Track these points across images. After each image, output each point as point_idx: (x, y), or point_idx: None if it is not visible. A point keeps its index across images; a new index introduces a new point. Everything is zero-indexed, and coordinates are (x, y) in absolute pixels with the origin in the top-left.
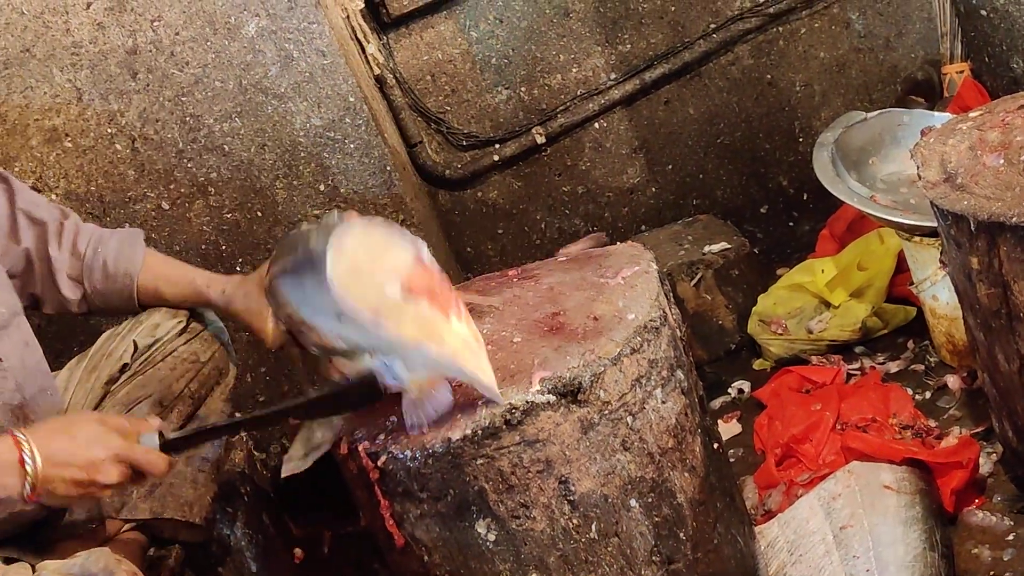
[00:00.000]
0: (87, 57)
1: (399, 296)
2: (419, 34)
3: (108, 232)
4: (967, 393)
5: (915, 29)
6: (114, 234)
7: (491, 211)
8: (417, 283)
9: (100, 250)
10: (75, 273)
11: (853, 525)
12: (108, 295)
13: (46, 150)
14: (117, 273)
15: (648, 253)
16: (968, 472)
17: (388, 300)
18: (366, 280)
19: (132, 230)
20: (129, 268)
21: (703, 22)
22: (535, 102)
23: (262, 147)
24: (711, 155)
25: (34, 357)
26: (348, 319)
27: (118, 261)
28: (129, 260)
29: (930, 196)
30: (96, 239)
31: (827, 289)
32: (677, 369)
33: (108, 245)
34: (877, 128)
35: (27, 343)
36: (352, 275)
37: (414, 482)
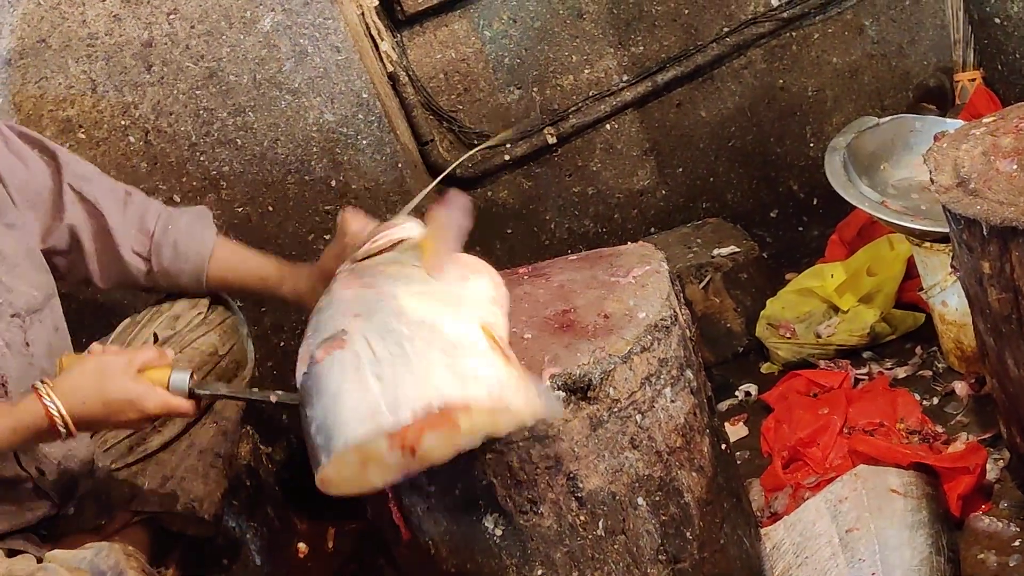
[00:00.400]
0: (102, 49)
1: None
2: (433, 32)
3: (177, 211)
4: (975, 399)
5: (928, 36)
6: (183, 213)
7: (501, 210)
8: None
9: (171, 228)
10: (142, 249)
11: (859, 528)
12: (177, 276)
13: (60, 141)
14: (188, 254)
15: (659, 253)
16: (975, 477)
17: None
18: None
19: (200, 209)
20: (201, 250)
21: (716, 25)
22: (547, 102)
23: (275, 142)
24: (722, 158)
25: (63, 344)
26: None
27: (189, 243)
28: (201, 243)
29: (943, 200)
30: (166, 217)
31: (836, 294)
32: (687, 369)
33: (178, 224)
34: (889, 134)
35: (57, 328)
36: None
37: (422, 475)
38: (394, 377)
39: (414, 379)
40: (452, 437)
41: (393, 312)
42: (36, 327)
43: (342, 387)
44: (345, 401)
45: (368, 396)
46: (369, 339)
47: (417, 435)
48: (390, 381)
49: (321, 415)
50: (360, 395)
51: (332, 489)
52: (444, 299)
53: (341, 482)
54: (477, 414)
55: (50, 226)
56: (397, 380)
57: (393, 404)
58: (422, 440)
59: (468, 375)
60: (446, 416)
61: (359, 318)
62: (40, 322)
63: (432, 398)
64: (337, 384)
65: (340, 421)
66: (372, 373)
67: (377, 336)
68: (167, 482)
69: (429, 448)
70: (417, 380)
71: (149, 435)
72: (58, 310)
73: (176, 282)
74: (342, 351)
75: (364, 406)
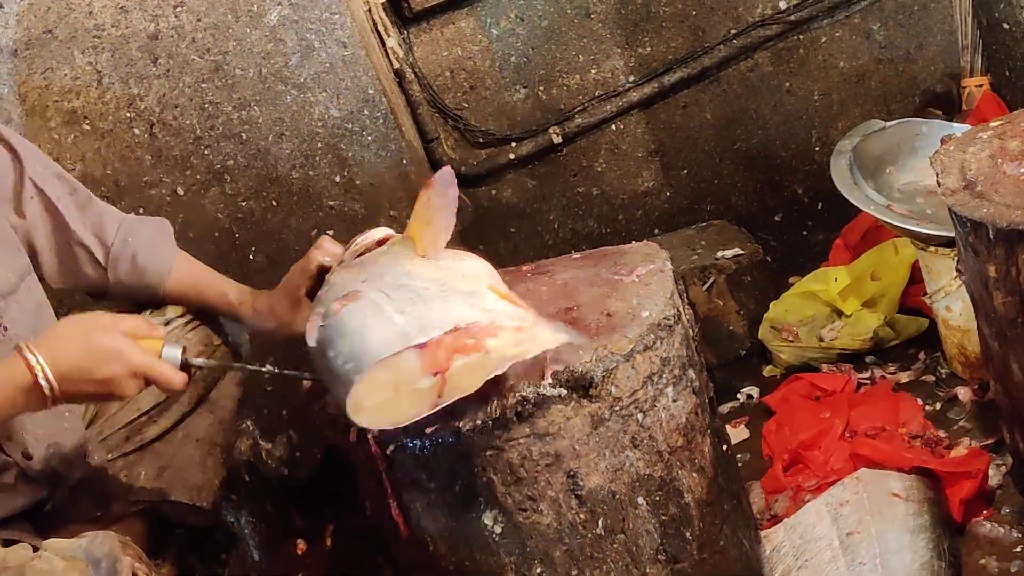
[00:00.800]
0: (109, 40)
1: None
2: (440, 30)
3: (136, 220)
4: (978, 405)
5: (936, 41)
6: (144, 224)
7: (505, 209)
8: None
9: (130, 240)
10: (100, 257)
11: (860, 532)
12: (133, 289)
13: (64, 132)
14: (147, 270)
15: (663, 252)
16: (977, 482)
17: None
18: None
19: (160, 221)
20: (160, 267)
21: (724, 27)
22: (553, 102)
23: (280, 136)
24: (727, 161)
25: (46, 321)
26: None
27: (149, 258)
28: (161, 259)
29: (949, 203)
30: (126, 227)
31: (840, 298)
32: (689, 368)
33: (139, 237)
34: (895, 138)
35: (40, 306)
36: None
37: (422, 471)
38: (417, 310)
39: (437, 310)
40: (481, 363)
41: (402, 273)
42: (13, 309)
43: (365, 323)
44: (372, 332)
45: (394, 327)
46: (384, 291)
47: (448, 356)
48: (414, 314)
49: (348, 348)
50: (386, 327)
51: (364, 418)
52: (448, 269)
53: (373, 408)
54: (504, 337)
55: (13, 221)
56: (421, 312)
57: (421, 327)
58: (452, 364)
59: (489, 309)
60: (474, 338)
61: (368, 282)
62: (17, 303)
63: (458, 320)
64: (360, 323)
65: (369, 344)
66: (394, 311)
67: (390, 289)
68: (164, 472)
69: (459, 374)
70: (440, 310)
71: (145, 425)
72: (37, 288)
73: (131, 295)
74: (358, 302)
75: (391, 332)
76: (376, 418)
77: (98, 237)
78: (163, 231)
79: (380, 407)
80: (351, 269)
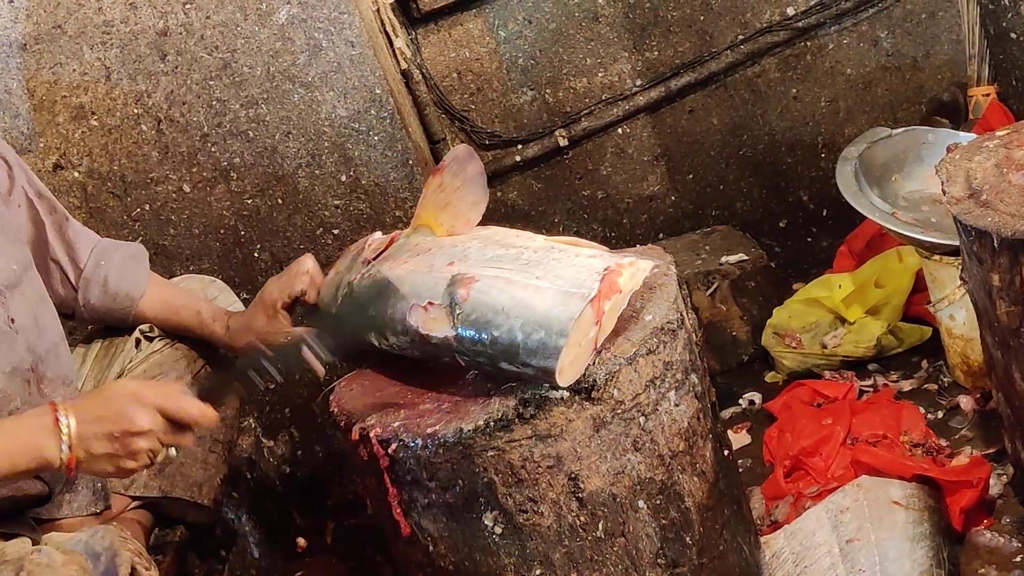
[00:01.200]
0: (118, 36)
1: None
2: (447, 31)
3: (111, 244)
4: (979, 414)
5: (943, 50)
6: (117, 248)
7: (510, 211)
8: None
9: (103, 264)
10: (72, 279)
11: (860, 539)
12: (103, 313)
13: (72, 127)
14: (118, 293)
15: (668, 256)
16: (978, 492)
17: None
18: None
19: (135, 246)
20: (132, 291)
21: (731, 33)
22: (559, 104)
23: (287, 135)
24: (732, 166)
25: (48, 313)
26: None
27: (121, 281)
28: (132, 283)
29: (954, 211)
30: (99, 251)
31: (843, 305)
32: (691, 373)
33: (112, 261)
34: (901, 145)
35: (42, 298)
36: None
37: (423, 471)
38: (548, 273)
39: (565, 266)
40: (617, 301)
41: (477, 248)
42: (18, 300)
43: (515, 297)
44: (534, 301)
45: (547, 290)
46: (492, 265)
47: (602, 304)
48: (550, 276)
49: (520, 322)
50: (539, 293)
51: (565, 378)
52: (496, 236)
53: (568, 367)
54: (624, 273)
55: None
56: (555, 273)
57: (574, 283)
58: (604, 309)
59: (591, 255)
60: (611, 281)
61: (454, 265)
62: (22, 295)
63: (596, 269)
64: (508, 298)
65: (547, 313)
66: (529, 279)
67: (492, 263)
68: (165, 468)
69: (608, 317)
70: (569, 265)
71: None
72: (38, 281)
73: (100, 318)
74: (479, 282)
75: (553, 295)
76: (570, 375)
77: (71, 258)
78: (136, 256)
79: (571, 364)
80: (398, 260)
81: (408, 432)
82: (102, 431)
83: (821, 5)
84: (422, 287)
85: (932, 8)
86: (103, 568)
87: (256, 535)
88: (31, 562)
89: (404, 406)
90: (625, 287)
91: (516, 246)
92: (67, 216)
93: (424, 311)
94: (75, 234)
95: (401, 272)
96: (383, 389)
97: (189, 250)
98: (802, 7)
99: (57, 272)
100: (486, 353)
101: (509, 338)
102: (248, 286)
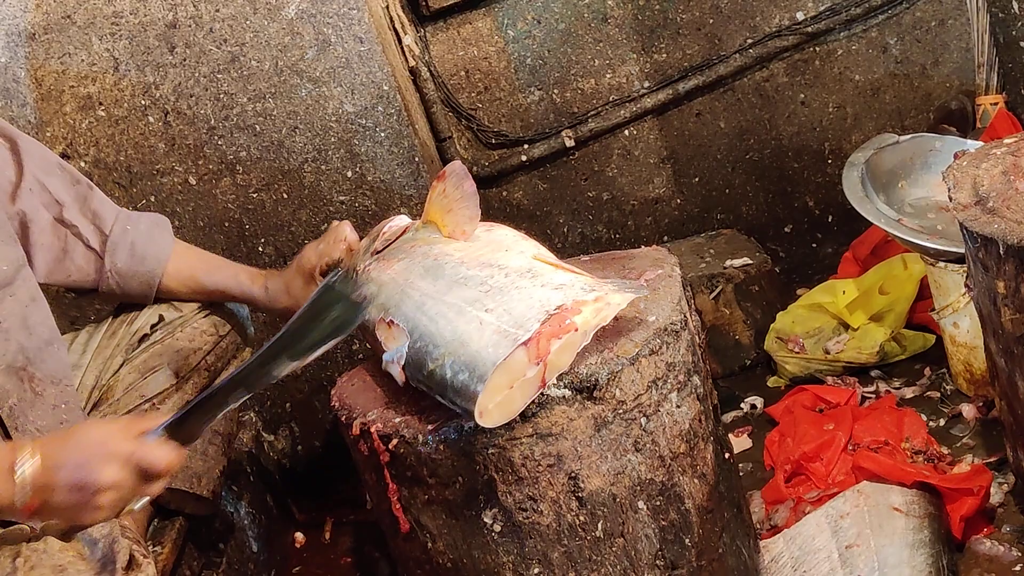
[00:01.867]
0: (127, 27)
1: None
2: (456, 29)
3: (135, 213)
4: (981, 423)
5: (952, 58)
6: (142, 216)
7: (515, 211)
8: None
9: (129, 229)
10: (97, 247)
11: (860, 545)
12: (128, 278)
13: (79, 117)
14: (146, 256)
15: (672, 257)
16: (979, 500)
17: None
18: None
19: (158, 215)
20: (159, 254)
21: (740, 37)
22: (567, 105)
23: (293, 129)
24: (739, 170)
25: (39, 313)
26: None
27: (148, 245)
28: (159, 247)
29: (960, 218)
30: (124, 217)
31: (847, 311)
32: (694, 375)
33: (138, 227)
34: (909, 152)
35: (34, 298)
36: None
37: (424, 467)
38: (499, 306)
39: (519, 300)
40: (571, 340)
41: (455, 264)
42: (8, 302)
43: (457, 331)
44: (470, 338)
45: (488, 327)
46: (457, 286)
47: (547, 344)
48: (498, 310)
49: (451, 360)
50: (480, 329)
51: (490, 419)
52: (489, 247)
53: (496, 410)
54: (585, 310)
55: (4, 206)
56: (505, 307)
57: (515, 322)
58: (551, 348)
59: (559, 285)
60: (562, 320)
61: (426, 279)
62: (12, 296)
63: (545, 307)
64: (451, 331)
65: (476, 353)
66: (479, 310)
67: (458, 285)
68: None
69: (557, 356)
70: (522, 299)
71: (148, 412)
72: (32, 281)
73: (127, 286)
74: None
75: (490, 333)
76: (498, 416)
77: (96, 226)
78: (160, 223)
79: (500, 406)
80: (390, 262)
81: (409, 428)
82: (66, 481)
83: (831, 10)
84: (391, 301)
85: (942, 16)
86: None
87: (255, 529)
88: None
89: (406, 402)
90: (585, 324)
91: (493, 265)
92: (91, 186)
93: (387, 328)
94: (100, 203)
95: (384, 278)
96: (385, 384)
97: (193, 242)
98: (812, 12)
99: (79, 246)
100: (424, 383)
101: (440, 373)
102: None
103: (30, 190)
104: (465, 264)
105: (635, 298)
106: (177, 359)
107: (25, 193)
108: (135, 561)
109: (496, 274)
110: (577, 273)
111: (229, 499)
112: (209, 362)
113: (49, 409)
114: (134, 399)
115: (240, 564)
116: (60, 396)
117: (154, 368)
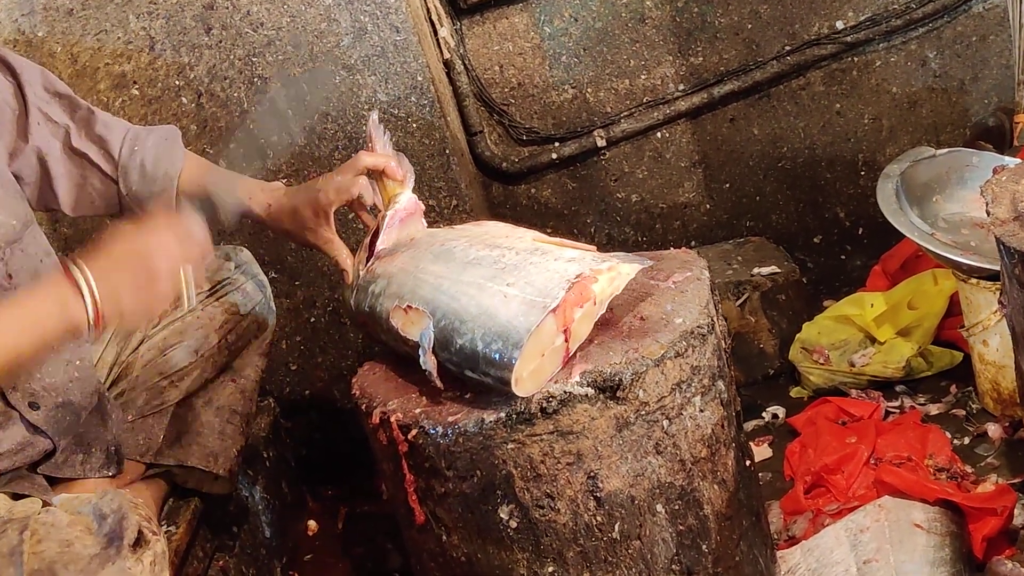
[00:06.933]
0: (164, 7)
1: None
2: (492, 23)
3: (143, 130)
4: (1007, 443)
5: (992, 75)
6: (150, 132)
7: (543, 209)
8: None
9: (137, 149)
10: (108, 171)
11: (878, 560)
12: (146, 199)
13: (112, 95)
14: (157, 176)
15: (701, 260)
16: (1002, 520)
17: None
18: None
19: (167, 127)
20: (170, 170)
21: (779, 43)
22: (600, 104)
23: (325, 116)
24: (770, 178)
25: (52, 269)
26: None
27: (158, 163)
28: (169, 163)
29: (997, 233)
30: (132, 137)
31: (874, 324)
32: (719, 379)
33: (145, 145)
34: (945, 166)
35: (47, 252)
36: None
37: (442, 459)
38: (519, 279)
39: (536, 273)
40: (590, 310)
41: (463, 248)
42: (18, 257)
43: (482, 305)
44: (498, 311)
45: (513, 299)
46: (471, 266)
47: (571, 312)
48: (520, 284)
49: (481, 332)
50: (504, 302)
51: (523, 388)
52: (488, 235)
53: (529, 379)
54: (601, 279)
55: (14, 149)
56: (525, 279)
57: (540, 292)
58: (574, 317)
59: (571, 258)
60: (584, 288)
61: (437, 264)
62: (22, 251)
63: (566, 276)
64: (476, 306)
65: (507, 323)
66: (499, 285)
67: (472, 265)
68: (182, 436)
69: (579, 325)
70: (540, 272)
71: (167, 389)
72: (41, 237)
73: (145, 206)
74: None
75: (517, 304)
76: (531, 385)
77: (105, 151)
78: (169, 136)
79: (533, 374)
80: (394, 256)
81: (429, 419)
82: (122, 262)
83: (871, 21)
84: (404, 288)
85: (983, 31)
86: (108, 530)
87: (268, 515)
88: (36, 521)
89: (426, 393)
90: (602, 294)
91: (500, 247)
92: (91, 110)
93: (404, 313)
94: (104, 127)
95: (392, 270)
96: (406, 374)
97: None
98: (851, 22)
99: (94, 173)
100: (452, 360)
101: (471, 347)
102: (277, 265)
103: (38, 124)
104: (474, 247)
105: (643, 267)
106: (197, 337)
107: (34, 127)
108: (143, 538)
109: (507, 254)
110: (582, 248)
111: (245, 483)
112: (230, 341)
113: (62, 364)
114: (153, 376)
115: (253, 549)
116: (74, 352)
117: (173, 345)
